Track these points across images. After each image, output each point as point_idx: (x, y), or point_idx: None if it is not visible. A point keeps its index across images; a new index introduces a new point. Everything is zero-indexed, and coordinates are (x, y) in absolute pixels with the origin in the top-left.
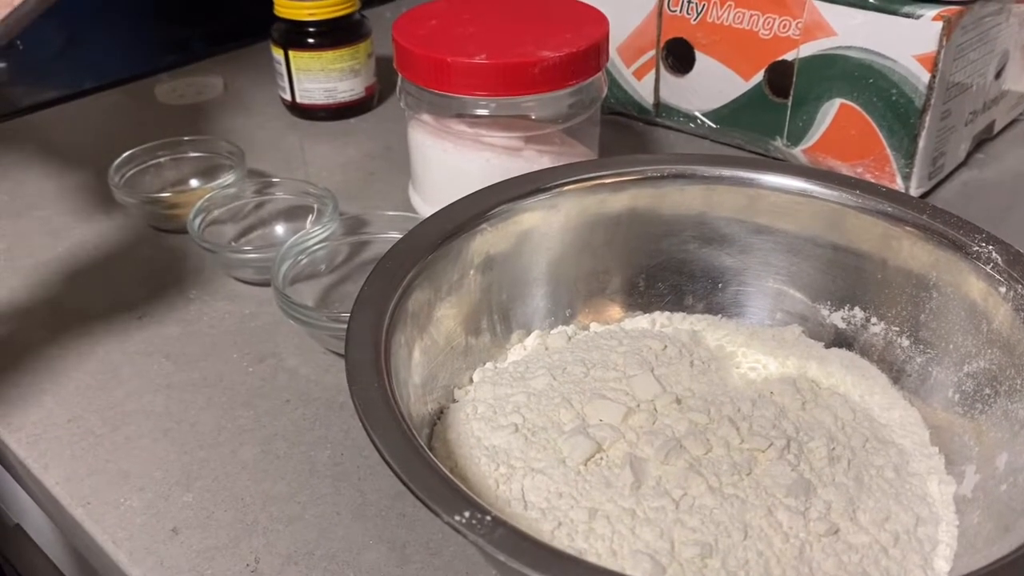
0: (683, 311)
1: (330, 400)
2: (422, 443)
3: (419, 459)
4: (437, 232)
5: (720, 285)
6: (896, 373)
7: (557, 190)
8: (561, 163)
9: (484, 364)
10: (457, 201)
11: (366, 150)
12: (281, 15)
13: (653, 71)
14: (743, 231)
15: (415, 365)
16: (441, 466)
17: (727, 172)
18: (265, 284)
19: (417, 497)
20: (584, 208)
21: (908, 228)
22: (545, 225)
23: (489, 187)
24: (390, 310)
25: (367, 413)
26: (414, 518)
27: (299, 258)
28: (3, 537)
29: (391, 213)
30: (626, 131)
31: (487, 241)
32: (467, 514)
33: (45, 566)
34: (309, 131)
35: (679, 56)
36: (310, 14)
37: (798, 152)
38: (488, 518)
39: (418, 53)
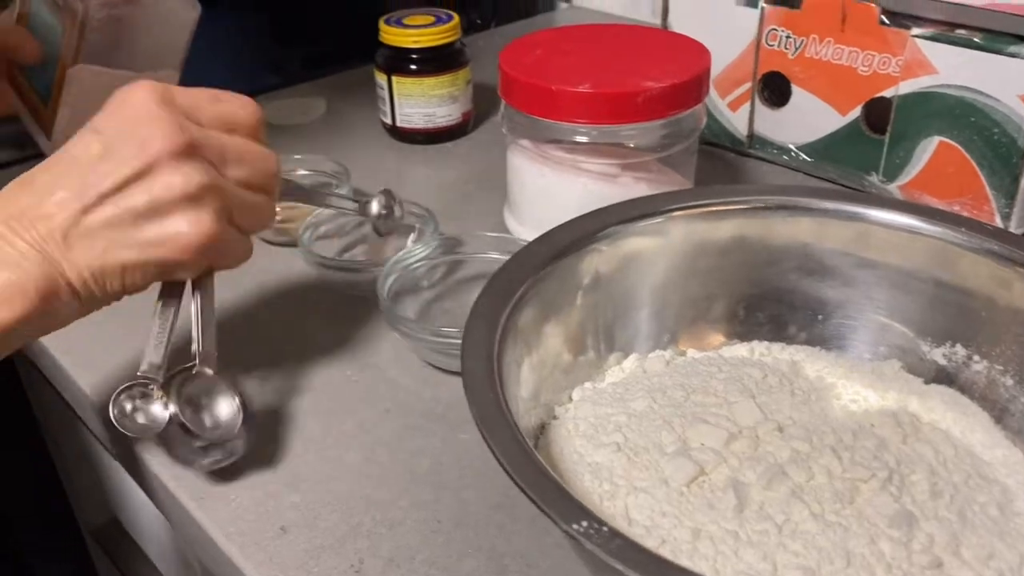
0: (782, 341)
1: (428, 411)
2: (536, 454)
3: (536, 469)
4: (548, 251)
5: (820, 317)
6: (999, 412)
7: (667, 215)
8: (657, 191)
9: (583, 384)
10: (568, 222)
11: (461, 173)
12: (386, 42)
13: (748, 103)
14: (847, 264)
15: (523, 380)
16: (557, 477)
17: (832, 205)
18: (365, 296)
19: (536, 504)
20: (691, 235)
21: (1018, 268)
22: (652, 249)
23: (600, 209)
24: (501, 325)
25: (484, 422)
26: (512, 530)
27: (402, 274)
28: (102, 529)
29: (488, 234)
30: (718, 161)
31: (596, 262)
32: (584, 523)
33: (139, 558)
34: (407, 153)
35: (774, 89)
36: (414, 41)
37: (894, 188)
38: (605, 528)
39: (523, 81)
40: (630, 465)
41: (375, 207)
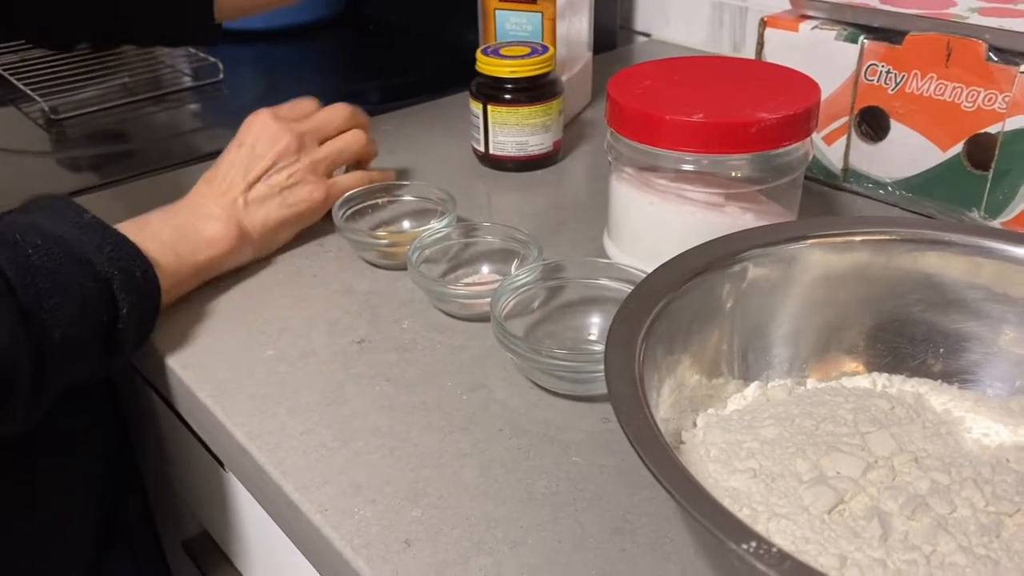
0: (902, 373)
1: (541, 433)
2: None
3: (698, 491)
4: (680, 275)
5: (942, 350)
6: None
7: (798, 243)
8: (762, 221)
9: (706, 410)
10: (699, 246)
11: (553, 200)
12: (483, 71)
13: (844, 137)
14: (975, 298)
15: (662, 402)
16: (716, 497)
17: (957, 238)
18: (469, 319)
19: (703, 525)
20: (816, 264)
21: None
22: (780, 278)
23: (731, 235)
24: (639, 347)
25: (641, 444)
26: (634, 554)
27: (511, 297)
28: (192, 541)
29: (598, 260)
30: (810, 194)
31: (728, 287)
32: (754, 544)
33: (228, 571)
34: (497, 180)
35: (872, 123)
36: (511, 72)
37: (996, 225)
38: (774, 549)
39: (635, 110)
40: (768, 491)
41: None
